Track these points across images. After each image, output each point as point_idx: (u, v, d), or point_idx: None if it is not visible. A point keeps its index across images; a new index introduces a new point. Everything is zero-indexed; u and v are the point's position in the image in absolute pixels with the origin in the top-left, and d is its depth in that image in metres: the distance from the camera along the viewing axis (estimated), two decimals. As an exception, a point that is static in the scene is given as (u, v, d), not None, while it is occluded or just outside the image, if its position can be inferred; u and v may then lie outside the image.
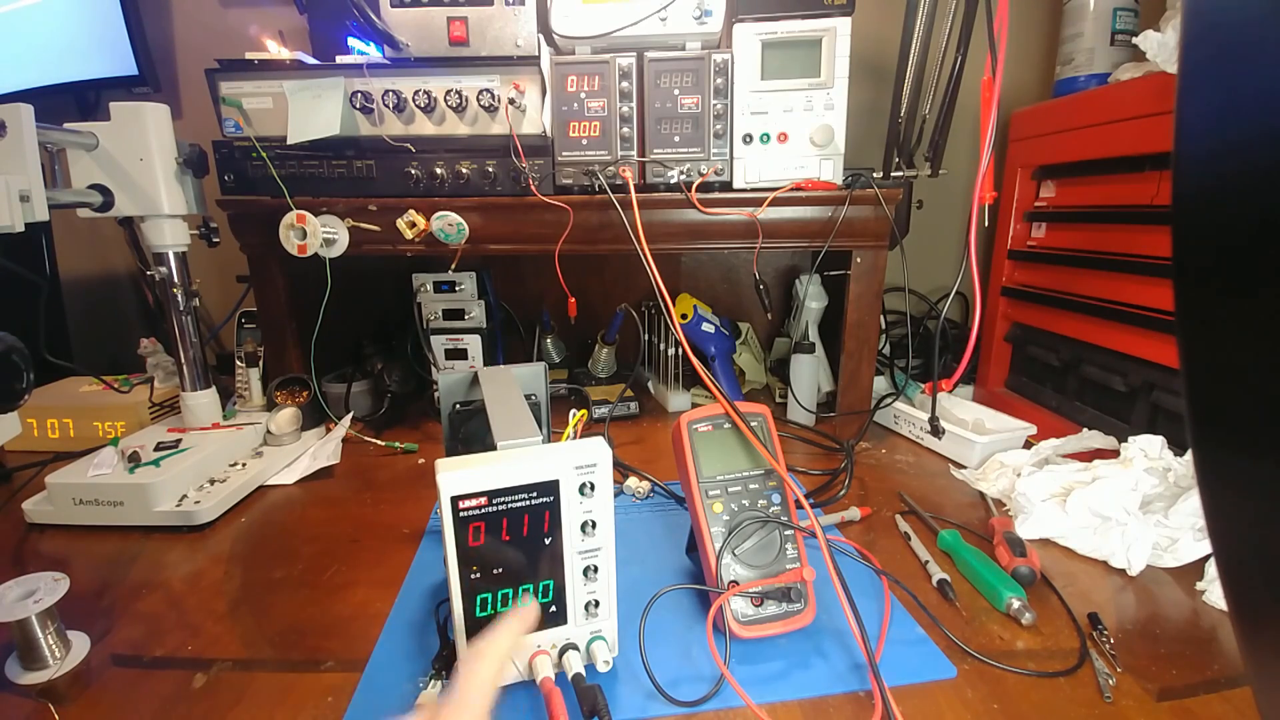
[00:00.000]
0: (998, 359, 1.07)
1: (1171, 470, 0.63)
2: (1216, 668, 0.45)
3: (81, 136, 0.69)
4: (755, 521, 0.50)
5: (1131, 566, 0.56)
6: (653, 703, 0.42)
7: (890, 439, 0.89)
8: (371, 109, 0.80)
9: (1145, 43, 0.73)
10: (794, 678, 0.45)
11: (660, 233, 0.84)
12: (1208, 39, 0.20)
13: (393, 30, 0.81)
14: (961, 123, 0.88)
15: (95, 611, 0.53)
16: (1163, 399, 0.75)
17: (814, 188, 0.84)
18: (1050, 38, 1.08)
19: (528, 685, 0.43)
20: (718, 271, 1.20)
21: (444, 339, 0.96)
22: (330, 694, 0.43)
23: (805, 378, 0.94)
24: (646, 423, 0.96)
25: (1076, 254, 0.89)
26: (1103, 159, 0.84)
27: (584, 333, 1.14)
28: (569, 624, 0.43)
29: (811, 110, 0.83)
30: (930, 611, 0.50)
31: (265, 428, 0.83)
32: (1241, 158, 0.19)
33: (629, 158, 0.83)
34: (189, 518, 0.66)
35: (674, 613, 0.51)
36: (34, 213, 0.59)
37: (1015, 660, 0.45)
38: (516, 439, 0.42)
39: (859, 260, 0.88)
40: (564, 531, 0.41)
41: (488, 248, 0.86)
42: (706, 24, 0.81)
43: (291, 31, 1.08)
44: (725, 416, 0.54)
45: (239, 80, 0.80)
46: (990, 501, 0.68)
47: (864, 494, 0.73)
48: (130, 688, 0.45)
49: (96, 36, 1.07)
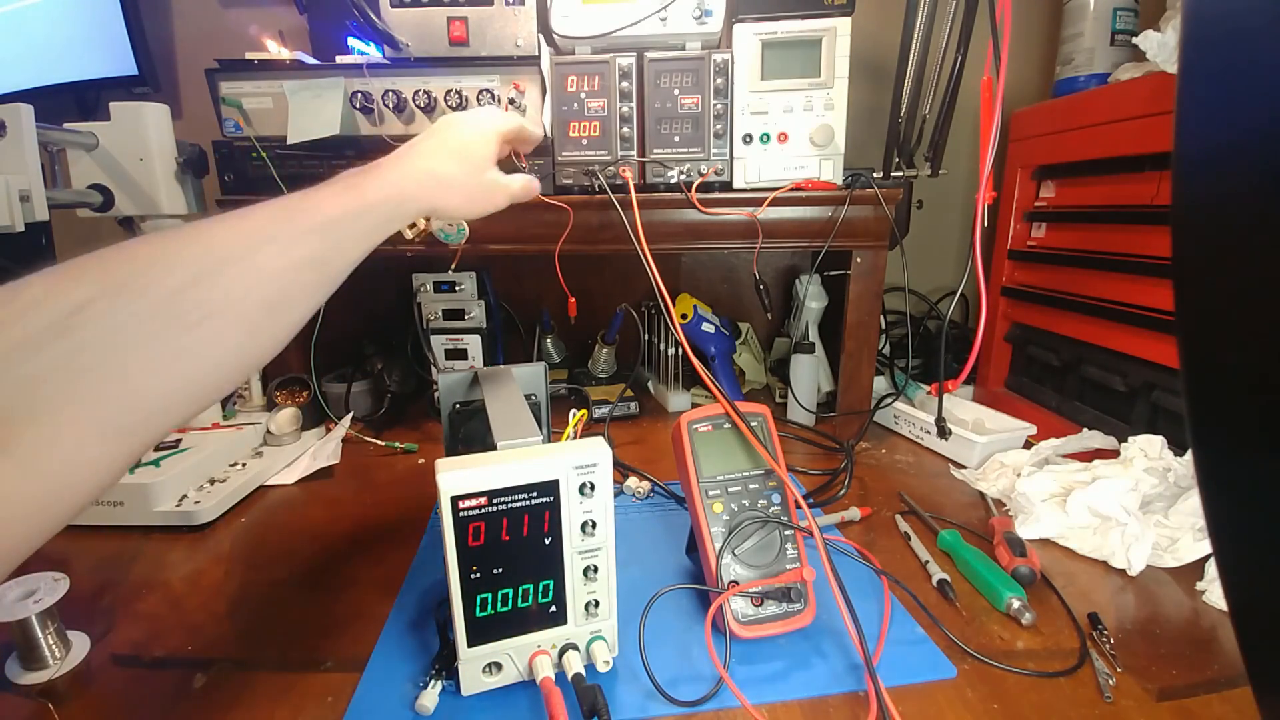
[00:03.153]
0: (998, 359, 1.07)
1: (1171, 470, 0.63)
2: (1216, 668, 0.45)
3: (81, 136, 0.69)
4: (755, 521, 0.50)
5: (1131, 566, 0.56)
6: (652, 702, 0.42)
7: (890, 439, 0.89)
8: (371, 109, 0.80)
9: (1145, 43, 0.73)
10: (794, 677, 0.45)
11: (660, 233, 0.84)
12: (1208, 39, 0.20)
13: (393, 30, 0.81)
14: (961, 123, 0.88)
15: (95, 611, 0.53)
16: (1163, 399, 0.75)
17: (814, 188, 0.84)
18: (1050, 38, 1.08)
19: (528, 685, 0.43)
20: (718, 271, 1.20)
21: (444, 339, 0.96)
22: (330, 694, 0.43)
23: (805, 378, 0.94)
24: (646, 423, 0.96)
25: (1076, 254, 0.89)
26: (1103, 159, 0.84)
27: (584, 333, 1.14)
28: (569, 624, 0.43)
29: (811, 110, 0.83)
30: (930, 611, 0.50)
31: (265, 428, 0.83)
32: (1241, 158, 0.19)
33: (629, 158, 0.83)
34: (189, 518, 0.66)
35: (674, 613, 0.51)
36: (34, 213, 0.59)
37: (1015, 660, 0.45)
38: (516, 439, 0.42)
39: (859, 260, 0.88)
40: (564, 531, 0.41)
41: (488, 248, 0.86)
42: (706, 24, 0.81)
43: (291, 31, 1.08)
44: (725, 416, 0.54)
45: (239, 80, 0.80)
46: (990, 501, 0.68)
47: (864, 494, 0.73)
48: (130, 688, 0.45)
49: (96, 36, 1.07)
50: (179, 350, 0.28)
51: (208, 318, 0.28)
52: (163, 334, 0.27)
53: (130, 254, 0.28)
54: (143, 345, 0.26)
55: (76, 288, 0.26)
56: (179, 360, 0.28)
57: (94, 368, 0.25)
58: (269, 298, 0.31)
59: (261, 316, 0.31)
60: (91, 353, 0.25)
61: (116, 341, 0.26)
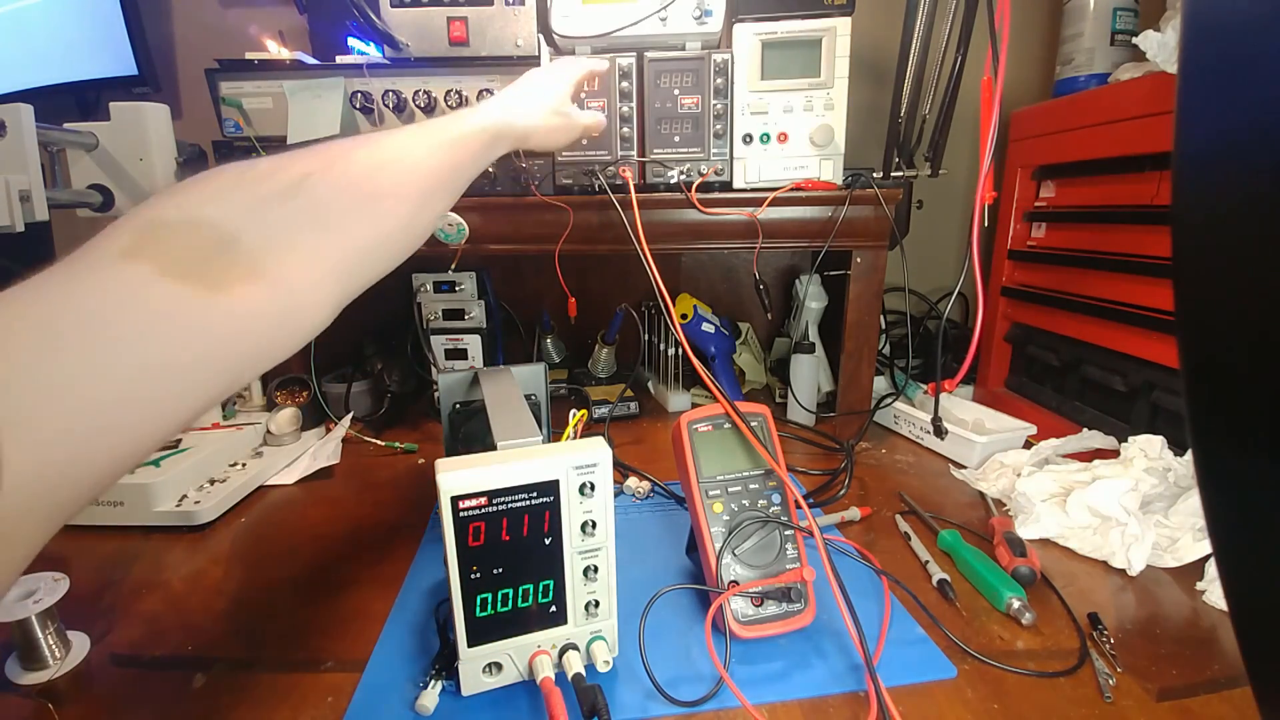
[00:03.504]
0: (998, 359, 1.07)
1: (1171, 470, 0.63)
2: (1217, 668, 0.45)
3: (81, 136, 0.69)
4: (755, 521, 0.50)
5: (1131, 566, 0.56)
6: (652, 702, 0.42)
7: (890, 439, 0.89)
8: (371, 109, 0.80)
9: (1145, 43, 0.73)
10: (794, 677, 0.45)
11: (660, 233, 0.84)
12: (1208, 39, 0.20)
13: (393, 30, 0.81)
14: (961, 123, 0.88)
15: (95, 611, 0.53)
16: (1163, 399, 0.75)
17: (814, 188, 0.84)
18: (1050, 38, 1.08)
19: (528, 685, 0.43)
20: (718, 271, 1.20)
21: (444, 339, 0.96)
22: (330, 694, 0.43)
23: (805, 378, 0.94)
24: (646, 423, 0.96)
25: (1076, 254, 0.89)
26: (1103, 159, 0.84)
27: (584, 333, 1.14)
28: (569, 624, 0.43)
29: (811, 110, 0.83)
30: (930, 611, 0.50)
31: (265, 428, 0.83)
32: (1242, 157, 0.19)
33: (629, 158, 0.83)
34: (189, 518, 0.66)
35: (674, 613, 0.51)
36: (34, 213, 0.59)
37: (1015, 660, 0.45)
38: (516, 439, 0.42)
39: (859, 260, 0.88)
40: (564, 531, 0.41)
41: (488, 248, 0.86)
42: (706, 24, 0.81)
43: (291, 31, 1.08)
44: (725, 416, 0.54)
45: (239, 80, 0.80)
46: (990, 501, 0.68)
47: (864, 494, 0.73)
48: (130, 688, 0.45)
49: (96, 36, 1.07)
50: (370, 215, 0.36)
51: (387, 195, 0.38)
52: (360, 201, 0.36)
53: (329, 145, 0.37)
54: (348, 208, 0.35)
55: (299, 163, 0.34)
56: (370, 224, 0.36)
57: (318, 220, 0.33)
58: (423, 189, 0.41)
59: (418, 203, 0.40)
60: (317, 208, 0.33)
61: (331, 203, 0.34)
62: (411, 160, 0.40)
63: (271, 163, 0.34)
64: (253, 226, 0.30)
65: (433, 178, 0.41)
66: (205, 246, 0.29)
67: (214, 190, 0.31)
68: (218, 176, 0.32)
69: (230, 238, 0.30)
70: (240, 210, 0.31)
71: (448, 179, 0.43)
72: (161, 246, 0.28)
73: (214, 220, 0.30)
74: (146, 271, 0.26)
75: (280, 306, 0.31)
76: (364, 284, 0.37)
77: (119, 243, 0.27)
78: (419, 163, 0.40)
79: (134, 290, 0.26)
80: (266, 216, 0.31)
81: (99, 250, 0.27)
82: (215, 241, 0.29)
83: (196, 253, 0.28)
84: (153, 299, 0.26)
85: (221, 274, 0.28)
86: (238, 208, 0.31)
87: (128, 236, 0.28)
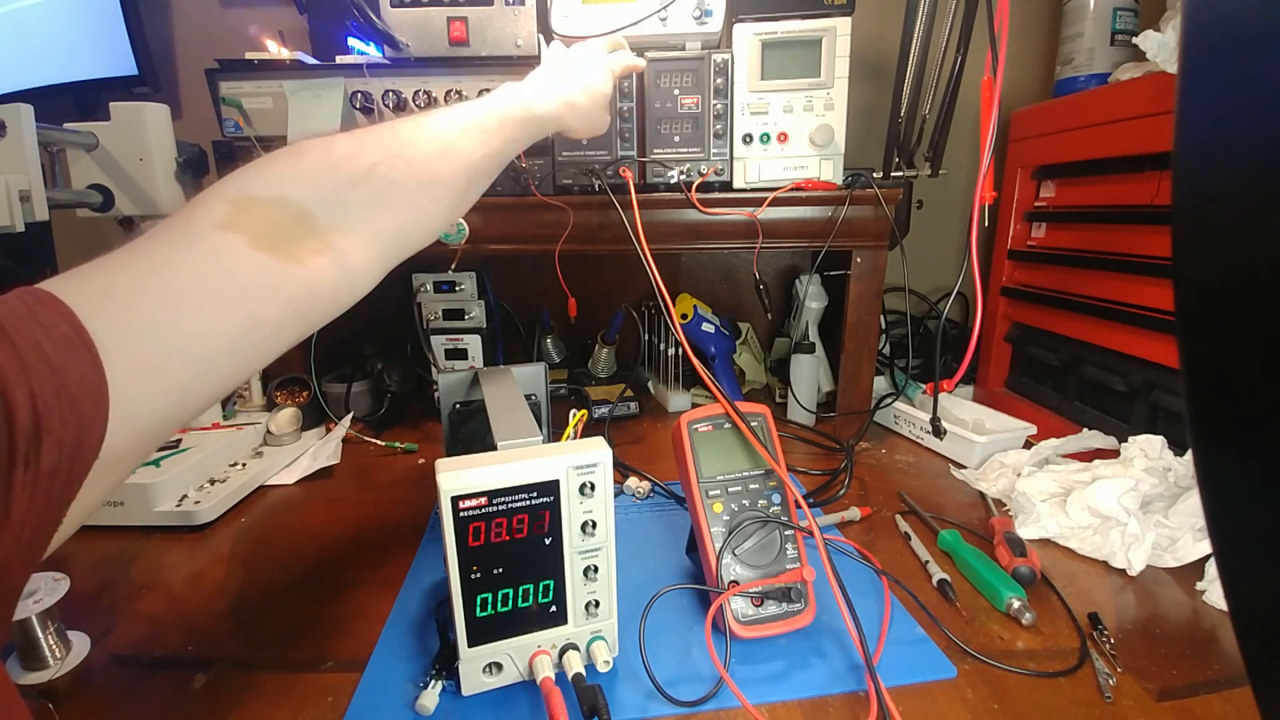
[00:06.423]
0: (998, 359, 1.07)
1: (1171, 470, 0.63)
2: (1217, 668, 0.45)
3: (81, 136, 0.69)
4: (755, 521, 0.50)
5: (1131, 566, 0.56)
6: (653, 702, 0.42)
7: (890, 439, 0.89)
8: (371, 109, 0.80)
9: (1145, 43, 0.73)
10: (794, 677, 0.45)
11: (660, 233, 0.84)
12: (1208, 39, 0.20)
13: (393, 30, 0.81)
14: (961, 123, 0.88)
15: (95, 611, 0.53)
16: (1163, 399, 0.75)
17: (814, 188, 0.84)
18: (1050, 38, 1.08)
19: (528, 685, 0.43)
20: (718, 271, 1.20)
21: (444, 339, 0.96)
22: (330, 694, 0.43)
23: (805, 378, 0.94)
24: (646, 423, 0.96)
25: (1076, 254, 0.89)
26: (1103, 159, 0.84)
27: (584, 333, 1.14)
28: (569, 624, 0.43)
29: (811, 110, 0.83)
30: (930, 611, 0.50)
31: (265, 428, 0.83)
32: (1242, 156, 0.19)
33: (629, 158, 0.83)
34: (189, 518, 0.66)
35: (674, 613, 0.51)
36: (34, 213, 0.59)
37: (1015, 660, 0.46)
38: (516, 439, 0.42)
39: (859, 260, 0.88)
40: (564, 532, 0.41)
41: (488, 248, 0.86)
42: (706, 24, 0.81)
43: (291, 31, 1.08)
44: (725, 416, 0.54)
45: (239, 80, 0.80)
46: (990, 501, 0.68)
47: (864, 494, 0.73)
48: (130, 688, 0.45)
49: (96, 36, 1.07)
50: (425, 199, 0.41)
51: (440, 184, 0.42)
52: (417, 189, 0.40)
53: (395, 133, 0.41)
54: (406, 195, 0.40)
55: (369, 152, 0.38)
56: (423, 206, 0.41)
57: (380, 205, 0.38)
58: (471, 175, 0.44)
59: (464, 188, 0.44)
60: (380, 195, 0.38)
61: (392, 191, 0.39)
62: (464, 148, 0.44)
63: (349, 146, 0.38)
64: (326, 207, 0.36)
65: (478, 164, 0.45)
66: (288, 222, 0.34)
67: (298, 171, 0.36)
68: (302, 157, 0.37)
69: (308, 215, 0.35)
70: (317, 192, 0.36)
71: (491, 167, 0.47)
72: (253, 220, 0.32)
73: (296, 199, 0.35)
74: (241, 241, 0.31)
75: (340, 277, 0.36)
76: (402, 259, 0.42)
77: (214, 214, 0.32)
78: (470, 151, 0.44)
79: (232, 257, 0.31)
80: (338, 199, 0.36)
81: (198, 221, 0.32)
82: (296, 218, 0.34)
83: (280, 227, 0.33)
84: (246, 266, 0.31)
85: (298, 247, 0.34)
86: (315, 189, 0.36)
87: (221, 208, 0.32)
